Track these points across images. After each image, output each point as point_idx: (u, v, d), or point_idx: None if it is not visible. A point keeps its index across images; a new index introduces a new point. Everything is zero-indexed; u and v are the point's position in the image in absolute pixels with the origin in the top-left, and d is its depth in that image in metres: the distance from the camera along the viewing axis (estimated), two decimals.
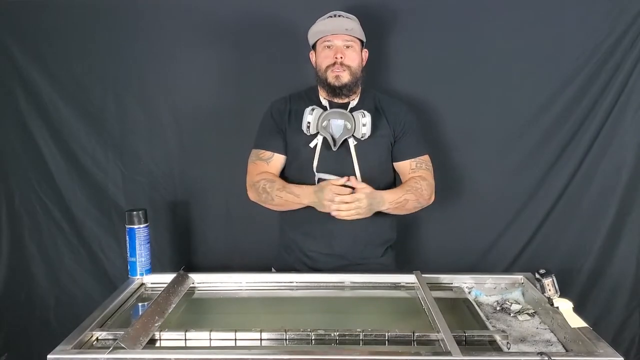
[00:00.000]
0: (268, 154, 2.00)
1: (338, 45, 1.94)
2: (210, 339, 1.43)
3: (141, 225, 1.79)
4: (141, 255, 1.80)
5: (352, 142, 1.93)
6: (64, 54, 2.32)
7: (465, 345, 1.40)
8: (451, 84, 2.28)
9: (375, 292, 1.81)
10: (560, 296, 1.53)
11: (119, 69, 2.33)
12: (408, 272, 1.80)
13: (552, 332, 1.50)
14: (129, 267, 1.81)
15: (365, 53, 2.03)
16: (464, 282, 1.79)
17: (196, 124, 2.36)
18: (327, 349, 1.39)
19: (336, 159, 1.94)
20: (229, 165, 2.35)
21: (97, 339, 1.44)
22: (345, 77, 1.94)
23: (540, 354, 1.29)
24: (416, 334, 1.42)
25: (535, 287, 1.64)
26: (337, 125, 1.91)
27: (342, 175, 1.85)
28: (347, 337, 1.42)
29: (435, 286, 1.76)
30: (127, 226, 1.79)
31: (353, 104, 1.99)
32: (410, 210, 1.97)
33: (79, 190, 2.42)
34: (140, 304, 1.70)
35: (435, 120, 2.30)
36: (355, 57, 1.96)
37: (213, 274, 1.89)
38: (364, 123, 1.90)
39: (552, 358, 1.27)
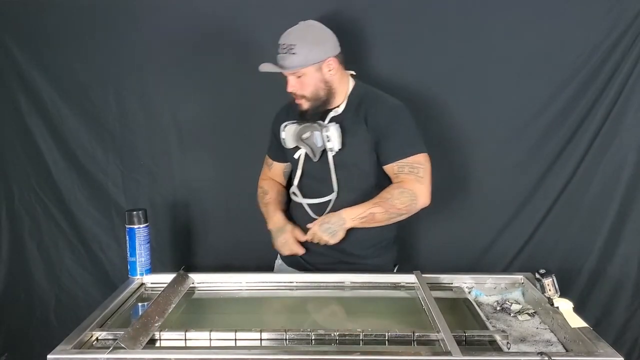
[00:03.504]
0: (269, 161, 2.16)
1: (289, 78, 1.94)
2: (210, 339, 1.43)
3: (141, 225, 1.79)
4: (141, 255, 1.80)
5: (330, 152, 1.95)
6: (64, 54, 2.32)
7: (465, 345, 1.40)
8: (451, 83, 2.28)
9: (375, 292, 1.81)
10: (561, 296, 1.53)
11: (119, 69, 2.33)
12: (408, 272, 1.80)
13: (552, 332, 1.50)
14: (129, 267, 1.81)
15: (329, 63, 1.92)
16: (464, 282, 1.79)
17: (196, 124, 2.36)
18: (327, 349, 1.39)
19: (320, 168, 1.98)
20: (229, 165, 2.35)
21: (97, 339, 1.44)
22: (305, 105, 1.96)
23: (540, 354, 1.29)
24: (416, 334, 1.42)
25: (535, 287, 1.64)
26: (317, 135, 1.94)
27: (322, 191, 1.96)
28: (347, 337, 1.42)
29: (435, 286, 1.76)
30: (127, 226, 1.79)
31: (339, 110, 1.99)
32: (386, 222, 1.93)
33: (79, 190, 2.42)
34: (140, 304, 1.70)
35: (435, 120, 2.30)
36: (307, 84, 1.92)
37: (213, 274, 1.89)
38: (328, 138, 1.92)
39: (552, 358, 1.27)
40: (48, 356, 1.29)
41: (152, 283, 1.81)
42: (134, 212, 1.79)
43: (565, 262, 2.35)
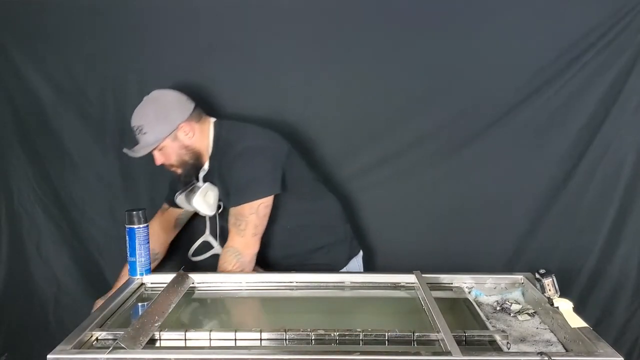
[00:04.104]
0: (165, 206, 2.23)
1: (154, 153, 1.99)
2: (210, 339, 1.42)
3: (141, 225, 1.79)
4: (141, 255, 1.79)
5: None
6: (63, 54, 2.32)
7: (465, 345, 1.40)
8: (450, 82, 2.28)
9: (375, 292, 1.81)
10: (561, 296, 1.53)
11: (119, 69, 2.32)
12: (408, 272, 1.80)
13: (552, 332, 1.50)
14: (129, 267, 1.81)
15: (183, 129, 1.97)
16: (464, 282, 1.79)
17: None
18: (327, 349, 1.39)
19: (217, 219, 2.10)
20: None
21: (97, 339, 1.44)
22: (178, 171, 2.03)
23: (540, 354, 1.29)
24: (416, 334, 1.42)
25: (535, 287, 1.64)
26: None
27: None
28: (347, 337, 1.42)
29: (435, 286, 1.76)
30: (127, 226, 1.79)
31: (206, 168, 2.05)
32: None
33: (79, 190, 2.42)
34: (140, 304, 1.70)
35: (435, 120, 2.30)
36: (170, 155, 1.99)
37: (213, 274, 1.89)
38: (196, 210, 2.01)
39: (552, 358, 1.26)
40: (48, 356, 1.29)
41: (152, 283, 1.80)
42: (134, 212, 1.78)
43: (565, 262, 2.35)
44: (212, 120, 2.07)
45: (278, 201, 2.01)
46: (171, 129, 1.95)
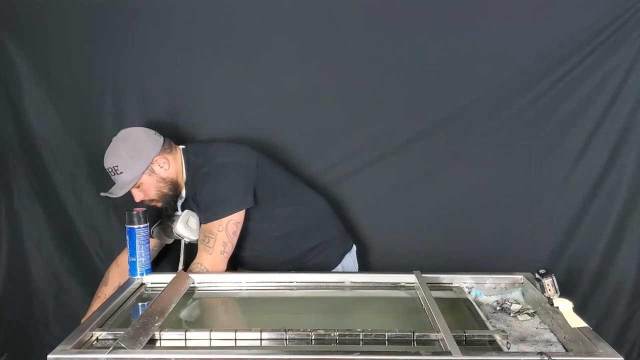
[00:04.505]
0: None
1: (132, 191, 2.00)
2: (210, 339, 1.43)
3: (141, 225, 1.79)
4: (141, 255, 1.80)
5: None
6: (62, 54, 2.31)
7: (465, 345, 1.40)
8: (446, 80, 2.28)
9: (375, 292, 1.81)
10: (561, 297, 1.53)
11: (118, 69, 2.32)
12: (408, 272, 1.80)
13: (552, 332, 1.50)
14: (129, 267, 1.81)
15: (157, 162, 1.99)
16: (464, 282, 1.79)
17: (195, 124, 2.36)
18: (327, 348, 1.39)
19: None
20: None
21: (97, 339, 1.44)
22: (158, 204, 2.05)
23: (540, 353, 1.29)
24: (416, 334, 1.42)
25: (535, 287, 1.64)
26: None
27: None
28: (347, 337, 1.42)
29: (435, 286, 1.76)
30: (127, 226, 1.79)
31: (183, 195, 2.07)
32: None
33: (78, 190, 2.41)
34: (140, 304, 1.70)
35: (434, 119, 2.30)
36: (149, 190, 2.00)
37: (213, 274, 1.89)
38: (180, 235, 2.00)
39: (552, 358, 1.27)
40: (48, 356, 1.29)
41: (152, 283, 1.81)
42: (134, 212, 1.79)
43: (565, 262, 2.35)
44: (181, 147, 2.09)
45: (261, 211, 2.02)
46: (147, 164, 1.97)
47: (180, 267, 2.06)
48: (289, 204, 2.12)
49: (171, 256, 2.30)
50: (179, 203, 2.08)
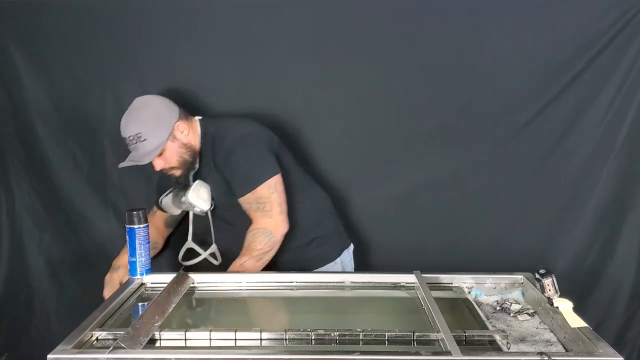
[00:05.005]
0: (155, 208, 2.18)
1: (153, 160, 1.96)
2: (210, 339, 1.43)
3: (141, 225, 1.79)
4: (141, 255, 1.80)
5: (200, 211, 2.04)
6: (63, 54, 2.31)
7: (465, 345, 1.40)
8: (447, 81, 2.28)
9: (375, 292, 1.81)
10: (561, 297, 1.53)
11: (119, 70, 2.32)
12: (408, 272, 1.80)
13: (552, 332, 1.50)
14: (129, 267, 1.81)
15: (178, 128, 1.97)
16: (464, 282, 1.79)
17: None
18: (327, 348, 1.39)
19: (205, 219, 2.08)
20: None
21: (97, 339, 1.44)
22: (177, 173, 2.02)
23: (540, 353, 1.29)
24: (416, 334, 1.42)
25: (535, 287, 1.64)
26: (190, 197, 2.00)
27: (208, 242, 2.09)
28: (347, 337, 1.42)
29: (435, 286, 1.76)
30: (127, 226, 1.79)
31: (196, 165, 2.05)
32: (260, 265, 1.95)
33: (79, 189, 2.41)
34: (140, 304, 1.70)
35: (433, 120, 2.30)
36: (171, 157, 1.97)
37: (213, 274, 1.90)
38: (192, 205, 2.00)
39: (552, 358, 1.27)
40: (48, 356, 1.29)
41: (152, 283, 1.81)
42: (134, 212, 1.79)
43: (565, 262, 2.35)
44: (197, 118, 2.09)
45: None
46: (169, 130, 1.95)
47: (190, 237, 2.08)
48: (294, 191, 2.10)
49: (168, 255, 2.30)
50: (191, 173, 2.06)
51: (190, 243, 2.12)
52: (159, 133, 1.94)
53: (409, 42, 2.26)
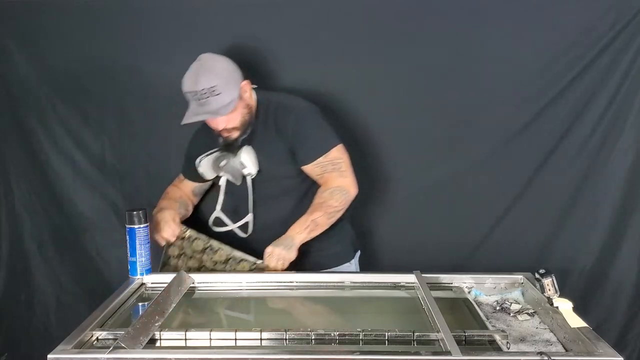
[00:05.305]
0: (182, 177, 2.17)
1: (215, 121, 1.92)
2: (210, 339, 1.43)
3: (141, 225, 1.79)
4: (141, 255, 1.80)
5: (249, 177, 2.01)
6: (63, 54, 2.32)
7: (465, 345, 1.40)
8: (447, 81, 2.28)
9: (375, 292, 1.81)
10: (561, 297, 1.53)
11: (118, 69, 2.33)
12: (408, 272, 1.80)
13: (551, 331, 1.50)
14: (129, 267, 1.81)
15: (244, 87, 1.94)
16: (464, 282, 1.79)
17: (195, 124, 2.36)
18: (327, 349, 1.39)
19: (240, 190, 2.03)
20: None
21: (97, 339, 1.44)
22: (235, 134, 1.97)
23: (540, 353, 1.29)
24: (416, 334, 1.42)
25: (535, 287, 1.64)
26: (234, 161, 1.98)
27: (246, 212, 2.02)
28: (347, 337, 1.42)
29: (435, 286, 1.76)
30: (127, 226, 1.79)
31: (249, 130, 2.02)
32: (328, 223, 1.96)
33: (78, 190, 2.42)
34: (140, 304, 1.70)
35: (433, 120, 2.30)
36: (235, 116, 1.93)
37: (213, 274, 1.89)
38: (243, 165, 1.97)
39: (552, 358, 1.27)
40: (48, 356, 1.29)
41: (152, 283, 1.81)
42: (134, 212, 1.79)
43: (565, 262, 2.35)
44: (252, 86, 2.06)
45: (291, 184, 2.02)
46: (239, 87, 1.93)
47: (219, 207, 2.05)
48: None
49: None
50: (241, 138, 2.00)
51: (218, 212, 2.08)
52: (232, 88, 1.90)
53: (409, 42, 2.27)
